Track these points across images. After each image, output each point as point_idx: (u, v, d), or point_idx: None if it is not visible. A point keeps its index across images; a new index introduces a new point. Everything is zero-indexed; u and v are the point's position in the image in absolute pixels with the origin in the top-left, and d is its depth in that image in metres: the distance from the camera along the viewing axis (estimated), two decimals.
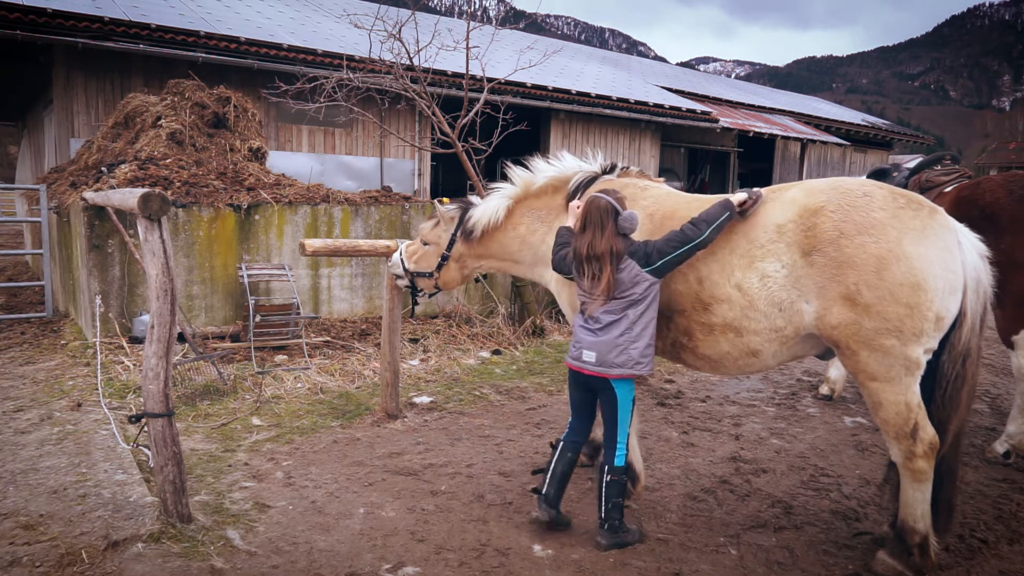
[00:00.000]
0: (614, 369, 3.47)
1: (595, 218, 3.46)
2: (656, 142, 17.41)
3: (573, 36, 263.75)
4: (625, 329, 3.45)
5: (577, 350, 3.59)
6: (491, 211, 4.21)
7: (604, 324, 3.48)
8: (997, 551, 3.67)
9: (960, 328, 3.25)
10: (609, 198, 3.48)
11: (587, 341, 3.54)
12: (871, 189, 3.26)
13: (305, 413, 5.54)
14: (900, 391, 3.18)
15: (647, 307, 3.47)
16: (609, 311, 3.46)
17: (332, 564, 3.40)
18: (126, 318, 7.10)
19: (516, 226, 4.24)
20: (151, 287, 3.56)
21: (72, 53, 10.11)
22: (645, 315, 3.47)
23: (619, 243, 3.44)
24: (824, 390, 6.31)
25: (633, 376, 3.51)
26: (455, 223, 4.38)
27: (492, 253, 4.39)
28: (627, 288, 3.43)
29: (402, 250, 4.71)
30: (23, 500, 3.82)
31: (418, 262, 4.56)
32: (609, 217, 3.44)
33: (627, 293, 3.43)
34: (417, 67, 7.79)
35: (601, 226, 3.44)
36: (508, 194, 4.24)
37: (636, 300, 3.44)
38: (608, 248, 3.41)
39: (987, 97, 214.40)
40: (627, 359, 3.46)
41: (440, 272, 4.49)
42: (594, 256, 3.43)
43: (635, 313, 3.45)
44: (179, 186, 7.51)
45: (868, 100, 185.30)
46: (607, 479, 3.56)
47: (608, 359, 3.47)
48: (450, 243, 4.39)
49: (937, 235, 3.15)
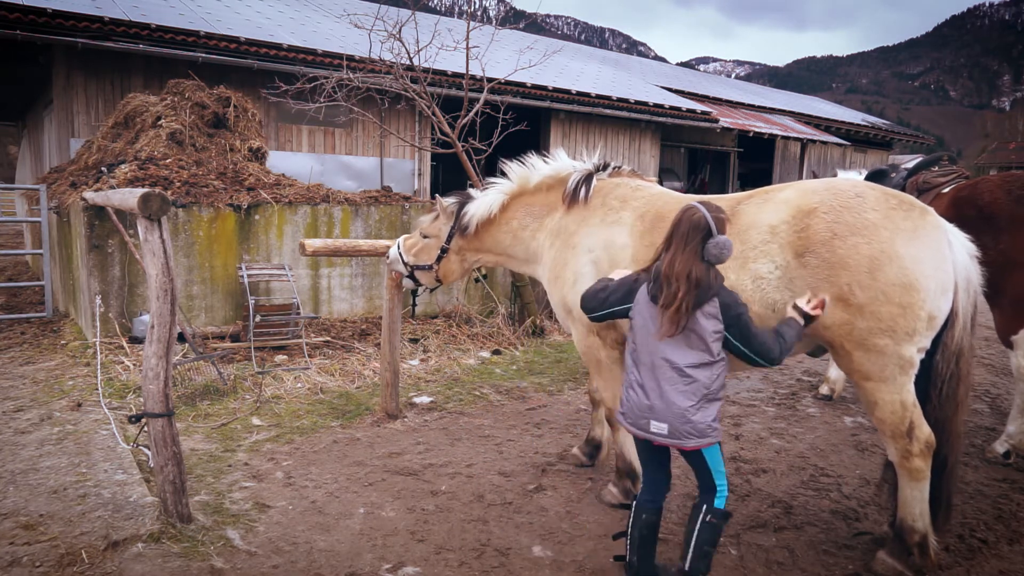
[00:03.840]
0: (689, 440, 2.92)
1: (682, 232, 2.93)
2: (656, 142, 17.41)
3: (573, 36, 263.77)
4: (703, 395, 2.90)
5: (640, 418, 3.00)
6: (486, 205, 4.27)
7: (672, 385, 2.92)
8: (997, 551, 3.67)
9: (952, 327, 3.27)
10: (708, 213, 2.93)
11: (652, 408, 2.95)
12: (863, 190, 3.27)
13: (305, 413, 5.54)
14: (895, 390, 3.19)
15: (722, 366, 2.96)
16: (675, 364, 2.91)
17: (332, 564, 3.40)
18: (126, 318, 7.10)
19: (509, 220, 4.30)
20: (151, 287, 3.57)
21: (72, 53, 10.11)
22: (721, 375, 2.96)
23: (701, 269, 2.87)
24: (824, 390, 6.31)
25: (709, 445, 2.97)
26: (455, 216, 4.41)
27: (487, 247, 4.45)
28: (705, 339, 2.89)
29: (400, 244, 4.75)
30: (23, 500, 3.82)
31: (418, 255, 4.61)
32: (698, 235, 2.90)
33: (703, 345, 2.89)
34: (417, 67, 7.79)
35: (686, 243, 2.90)
36: (504, 189, 4.29)
37: (710, 362, 2.91)
38: (686, 270, 2.85)
39: (987, 97, 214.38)
40: (704, 428, 2.92)
41: (440, 264, 4.53)
42: (672, 276, 2.87)
43: (709, 375, 2.92)
44: (179, 186, 7.51)
45: (868, 100, 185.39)
46: (705, 519, 2.99)
47: (683, 430, 2.91)
48: (449, 236, 4.43)
49: (928, 235, 3.16)
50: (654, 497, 3.20)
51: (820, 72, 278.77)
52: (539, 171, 4.22)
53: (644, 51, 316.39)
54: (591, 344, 3.97)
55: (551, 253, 4.10)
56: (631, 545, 3.18)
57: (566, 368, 7.05)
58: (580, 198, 4.00)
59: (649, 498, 3.20)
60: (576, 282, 3.90)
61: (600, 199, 3.98)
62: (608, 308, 3.17)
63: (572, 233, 3.98)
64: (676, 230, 2.96)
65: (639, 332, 3.02)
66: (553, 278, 4.07)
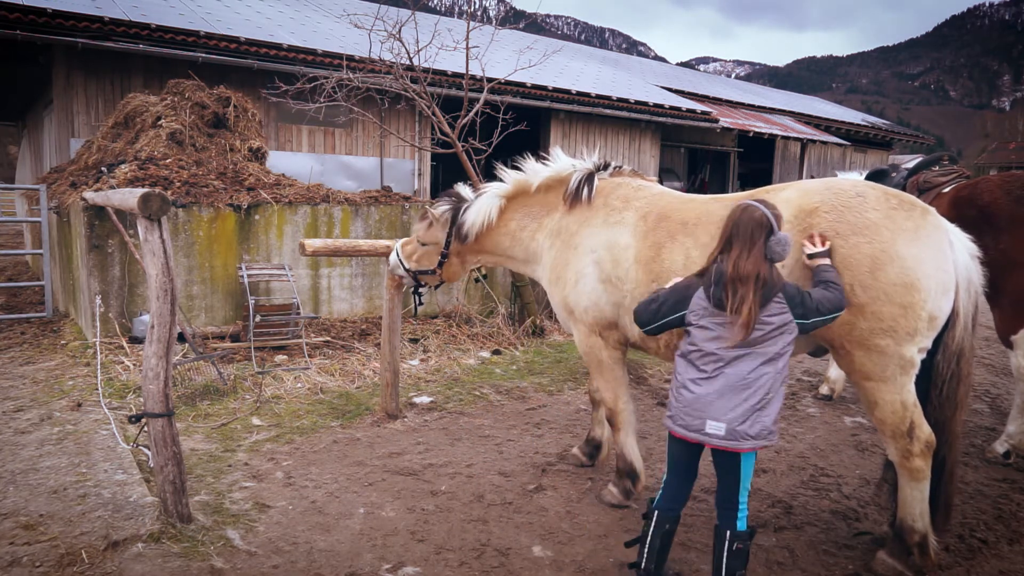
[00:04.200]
0: (746, 442, 2.84)
1: (745, 232, 2.85)
2: (656, 142, 17.41)
3: (573, 36, 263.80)
4: (766, 392, 2.83)
5: (695, 418, 2.90)
6: (483, 212, 4.22)
7: (735, 384, 2.84)
8: (997, 551, 3.67)
9: (953, 327, 3.27)
10: (767, 211, 2.89)
11: (712, 407, 2.86)
12: (864, 190, 3.27)
13: (305, 413, 5.54)
14: (895, 390, 3.19)
15: (785, 364, 2.89)
16: (738, 365, 2.84)
17: (332, 564, 3.40)
18: (126, 318, 7.10)
19: (507, 223, 4.27)
20: (151, 287, 3.57)
21: (72, 53, 10.12)
22: (782, 374, 2.90)
23: (766, 268, 2.82)
24: (824, 390, 6.31)
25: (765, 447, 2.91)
26: (449, 224, 4.37)
27: (487, 249, 4.43)
28: (771, 335, 2.84)
29: (398, 250, 4.73)
30: (23, 500, 3.82)
31: (419, 261, 4.60)
32: (762, 233, 2.84)
33: (769, 341, 2.84)
34: (417, 67, 7.79)
35: (751, 242, 2.83)
36: (500, 192, 4.24)
37: (776, 355, 2.85)
38: (755, 271, 2.79)
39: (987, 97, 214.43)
40: (762, 429, 2.84)
41: (442, 268, 4.53)
42: (739, 279, 2.80)
43: (773, 371, 2.85)
44: (179, 186, 7.51)
45: (868, 100, 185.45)
46: (732, 547, 2.91)
47: (740, 431, 2.82)
48: (447, 242, 4.41)
49: (930, 236, 3.16)
50: (677, 505, 3.15)
51: (820, 72, 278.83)
52: (539, 174, 4.17)
53: (644, 51, 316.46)
54: (593, 344, 3.97)
55: (551, 253, 4.08)
56: (649, 552, 3.12)
57: (566, 368, 7.05)
58: (583, 198, 3.98)
59: (672, 505, 3.15)
60: (578, 282, 3.89)
61: (602, 199, 3.95)
62: (662, 319, 3.07)
63: (573, 233, 3.96)
64: (738, 230, 2.87)
65: (698, 335, 2.94)
66: (554, 279, 4.06)
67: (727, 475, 2.98)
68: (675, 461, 3.12)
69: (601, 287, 3.82)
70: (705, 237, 3.45)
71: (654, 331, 3.15)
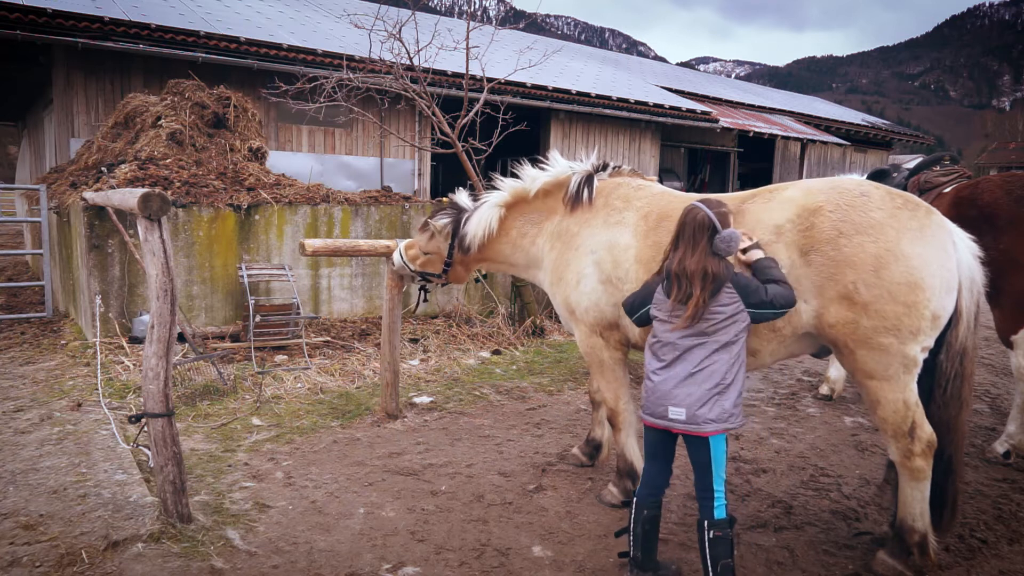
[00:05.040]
0: (708, 426, 2.98)
1: (688, 232, 3.06)
2: (656, 142, 17.41)
3: (573, 36, 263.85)
4: (722, 376, 2.99)
5: (658, 405, 3.08)
6: (484, 224, 4.23)
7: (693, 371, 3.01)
8: (997, 551, 3.67)
9: (956, 327, 3.28)
10: (709, 211, 3.07)
11: (671, 394, 3.03)
12: (868, 189, 3.27)
13: (305, 413, 5.54)
14: (898, 389, 3.19)
15: (740, 350, 3.05)
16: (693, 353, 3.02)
17: (332, 564, 3.40)
18: (126, 318, 7.10)
19: (508, 231, 4.28)
20: (151, 287, 3.57)
21: (72, 53, 10.12)
22: (738, 360, 3.04)
23: (714, 264, 3.00)
24: (824, 390, 6.31)
25: (727, 431, 3.05)
26: (451, 236, 4.38)
27: (488, 257, 4.46)
28: (722, 324, 3.00)
29: (401, 252, 4.74)
30: (23, 500, 3.82)
31: (424, 266, 4.63)
32: (704, 233, 3.04)
33: (721, 330, 3.00)
34: (417, 67, 7.79)
35: (694, 242, 3.04)
36: (498, 202, 4.24)
37: (729, 342, 3.01)
38: (700, 268, 2.99)
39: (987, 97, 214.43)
40: (721, 412, 2.99)
41: (447, 275, 4.58)
42: (684, 275, 3.02)
43: (728, 357, 3.01)
44: (179, 186, 7.51)
45: (868, 100, 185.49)
46: (710, 536, 2.99)
47: (700, 415, 2.98)
48: (450, 253, 4.43)
49: (934, 235, 3.16)
50: (654, 491, 3.25)
51: (820, 72, 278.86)
52: (537, 180, 4.16)
53: (644, 51, 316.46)
54: (594, 345, 3.97)
55: (552, 256, 4.08)
56: (634, 541, 3.24)
57: (566, 368, 7.05)
58: (583, 200, 3.98)
59: (649, 492, 3.25)
60: (579, 283, 3.89)
61: (602, 199, 3.96)
62: (637, 312, 3.30)
63: (574, 235, 3.96)
64: (682, 231, 3.10)
65: (658, 326, 3.17)
66: (556, 280, 4.06)
67: (699, 462, 3.09)
68: (650, 448, 3.26)
69: (602, 288, 3.82)
70: None
71: (640, 321, 3.34)
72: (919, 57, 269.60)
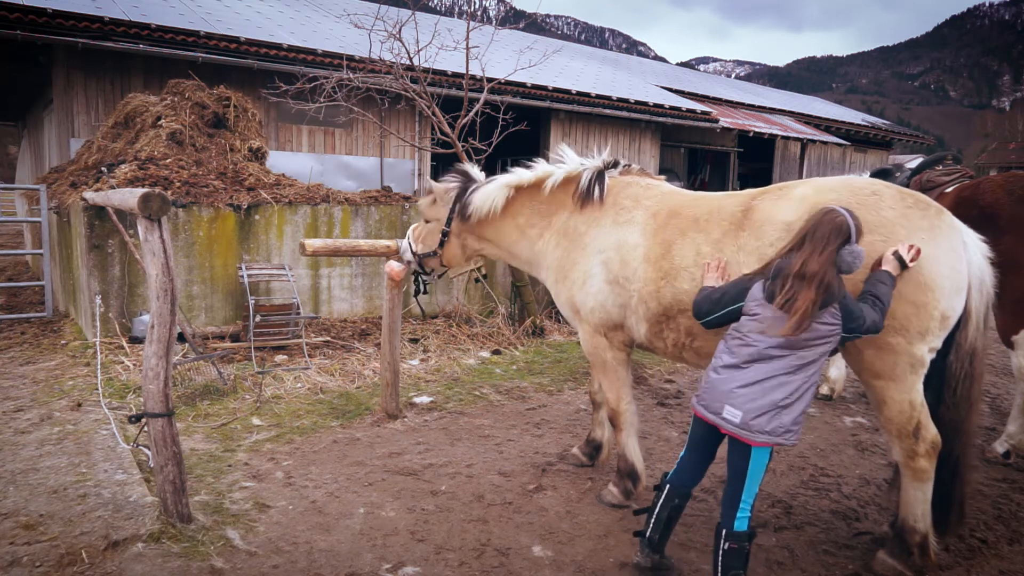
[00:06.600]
0: (760, 436, 2.87)
1: (821, 233, 2.87)
2: (656, 142, 17.41)
3: (573, 36, 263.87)
4: (791, 392, 2.86)
5: (715, 401, 2.97)
6: (490, 199, 4.17)
7: (763, 378, 2.88)
8: (997, 551, 3.67)
9: (966, 328, 3.26)
10: (850, 218, 2.90)
11: (733, 393, 2.91)
12: (880, 188, 3.26)
13: (305, 413, 5.54)
14: (905, 389, 3.18)
15: (818, 369, 2.91)
16: (772, 363, 2.88)
17: (332, 564, 3.40)
18: (126, 318, 7.10)
19: (515, 216, 4.22)
20: (151, 287, 3.56)
21: (72, 53, 10.11)
22: (812, 379, 2.92)
23: (832, 274, 2.83)
24: (824, 390, 6.31)
25: (778, 445, 2.92)
26: (453, 199, 4.34)
27: (489, 238, 4.38)
28: (814, 343, 2.86)
29: (409, 234, 4.76)
30: (23, 500, 3.82)
31: (423, 240, 4.61)
32: (838, 239, 2.86)
33: (810, 348, 2.86)
34: (417, 67, 7.79)
35: (824, 245, 2.84)
36: (510, 182, 4.17)
37: (812, 361, 2.88)
38: (819, 272, 2.79)
39: (987, 97, 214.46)
40: (778, 426, 2.86)
41: (443, 249, 4.51)
42: (801, 277, 2.81)
43: (805, 375, 2.88)
44: (179, 186, 7.51)
45: (868, 100, 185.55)
46: (725, 546, 2.94)
47: (755, 424, 2.86)
48: (448, 219, 4.38)
49: (944, 235, 3.15)
50: (689, 481, 3.23)
51: (820, 72, 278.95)
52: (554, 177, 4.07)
53: (644, 51, 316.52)
54: (598, 344, 3.96)
55: (557, 253, 4.06)
56: (655, 523, 3.23)
57: (566, 368, 7.05)
58: (594, 197, 3.94)
59: (685, 481, 3.23)
60: (585, 283, 3.88)
61: (612, 198, 3.92)
62: (723, 309, 3.09)
63: (582, 233, 3.93)
64: (813, 231, 2.89)
65: (748, 323, 2.97)
66: (561, 278, 4.03)
67: (736, 468, 2.98)
68: (695, 440, 3.20)
69: (608, 288, 3.80)
70: (716, 232, 3.44)
71: (712, 323, 3.16)
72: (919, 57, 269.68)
